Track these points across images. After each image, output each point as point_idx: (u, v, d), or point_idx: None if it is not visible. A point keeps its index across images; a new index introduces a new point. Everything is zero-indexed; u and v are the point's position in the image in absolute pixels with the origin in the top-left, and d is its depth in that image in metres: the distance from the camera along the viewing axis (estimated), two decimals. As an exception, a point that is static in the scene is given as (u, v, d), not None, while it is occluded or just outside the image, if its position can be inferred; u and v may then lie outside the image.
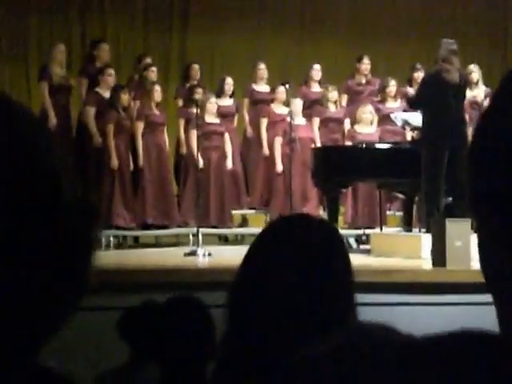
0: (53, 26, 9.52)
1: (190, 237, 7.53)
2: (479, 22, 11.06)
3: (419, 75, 8.81)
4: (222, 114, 8.21)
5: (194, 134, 7.70)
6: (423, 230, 6.62)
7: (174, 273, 5.51)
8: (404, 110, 8.15)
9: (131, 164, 7.65)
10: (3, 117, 0.64)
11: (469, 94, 7.58)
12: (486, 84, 8.65)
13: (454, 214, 5.81)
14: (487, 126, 0.70)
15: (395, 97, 8.64)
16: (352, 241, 7.76)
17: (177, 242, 8.01)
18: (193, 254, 6.63)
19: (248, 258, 1.21)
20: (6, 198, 0.61)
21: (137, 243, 8.03)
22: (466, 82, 6.86)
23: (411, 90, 8.71)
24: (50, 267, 0.62)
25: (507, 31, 11.35)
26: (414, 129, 7.47)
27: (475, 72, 8.50)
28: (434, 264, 5.72)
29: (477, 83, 8.55)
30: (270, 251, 1.20)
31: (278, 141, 8.21)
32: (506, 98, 0.68)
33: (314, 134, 8.38)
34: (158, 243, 7.98)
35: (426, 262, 5.93)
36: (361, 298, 1.24)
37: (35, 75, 8.18)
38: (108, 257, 6.26)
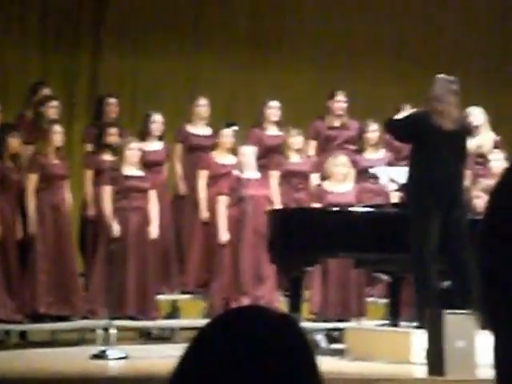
0: None
1: (99, 332, 7.50)
2: (479, 53, 11.26)
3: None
4: (147, 163, 8.24)
5: (106, 190, 7.73)
6: (414, 324, 6.63)
7: (76, 383, 5.66)
8: (389, 164, 8.26)
9: (18, 231, 7.59)
10: None
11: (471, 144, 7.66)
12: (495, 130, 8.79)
13: (454, 304, 5.83)
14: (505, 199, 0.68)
15: (377, 145, 8.72)
16: (320, 338, 7.78)
17: (80, 339, 7.98)
18: (102, 356, 6.69)
19: (182, 364, 1.23)
20: None
21: (24, 340, 8.01)
22: (467, 129, 7.00)
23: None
24: None
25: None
26: (401, 188, 7.52)
27: (476, 116, 8.61)
28: (429, 371, 5.79)
29: (479, 130, 8.64)
30: (211, 357, 1.21)
31: (222, 201, 8.25)
32: None
33: (270, 191, 8.43)
34: (54, 341, 8.00)
35: (418, 369, 6.03)
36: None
37: None
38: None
